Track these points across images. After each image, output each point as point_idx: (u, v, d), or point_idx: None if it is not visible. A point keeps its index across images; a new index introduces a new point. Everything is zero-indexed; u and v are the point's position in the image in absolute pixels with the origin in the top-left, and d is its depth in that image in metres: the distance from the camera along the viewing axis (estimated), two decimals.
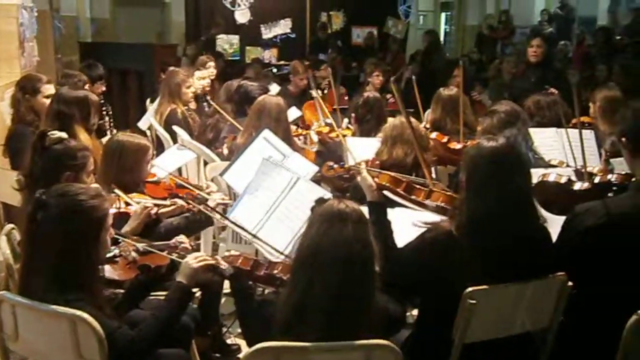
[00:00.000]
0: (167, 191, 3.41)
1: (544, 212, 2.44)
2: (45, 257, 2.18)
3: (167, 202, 3.23)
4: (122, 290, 2.59)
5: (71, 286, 2.16)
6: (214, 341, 3.51)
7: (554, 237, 2.44)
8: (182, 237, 2.82)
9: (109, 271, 2.55)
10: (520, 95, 5.32)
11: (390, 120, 3.85)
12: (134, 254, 2.55)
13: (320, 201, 2.25)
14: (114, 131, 5.07)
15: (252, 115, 4.25)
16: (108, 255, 2.47)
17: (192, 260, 2.44)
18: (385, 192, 2.82)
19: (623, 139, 2.42)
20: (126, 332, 2.21)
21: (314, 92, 6.35)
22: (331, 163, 3.08)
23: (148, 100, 6.90)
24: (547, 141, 4.09)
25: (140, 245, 2.58)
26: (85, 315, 2.09)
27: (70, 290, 2.15)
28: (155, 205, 3.11)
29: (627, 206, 2.31)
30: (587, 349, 2.33)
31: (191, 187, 3.51)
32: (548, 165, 3.68)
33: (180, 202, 3.25)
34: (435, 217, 2.79)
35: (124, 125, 5.32)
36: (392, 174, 2.82)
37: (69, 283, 2.16)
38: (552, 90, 5.37)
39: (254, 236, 2.89)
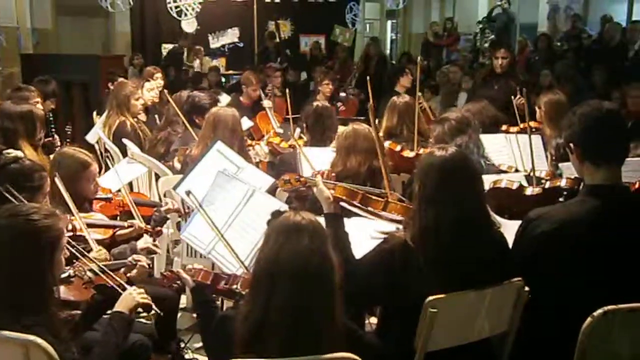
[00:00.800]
0: (119, 209, 3.33)
1: (498, 218, 2.49)
2: None
3: (125, 224, 3.15)
4: (78, 312, 2.51)
5: (27, 310, 2.09)
6: (173, 358, 3.45)
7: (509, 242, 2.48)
8: (139, 256, 2.76)
9: (64, 292, 2.48)
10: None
11: (341, 129, 3.85)
12: (89, 274, 2.48)
13: (276, 214, 2.23)
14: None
15: (207, 126, 4.20)
16: (62, 275, 2.39)
17: (135, 294, 2.41)
18: (342, 204, 2.82)
19: (571, 145, 2.44)
20: None
21: (264, 103, 6.35)
22: (287, 177, 3.05)
23: (95, 113, 6.77)
24: (496, 147, 4.18)
25: (96, 266, 2.52)
26: (39, 340, 2.01)
27: (26, 314, 2.08)
28: (113, 227, 3.04)
29: (579, 211, 2.35)
30: (545, 353, 2.36)
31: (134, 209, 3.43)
32: (499, 171, 3.75)
33: (137, 223, 3.17)
34: (392, 227, 2.82)
35: (69, 139, 5.19)
36: (348, 185, 2.83)
37: (24, 307, 2.09)
38: (521, 98, 5.22)
39: (222, 237, 2.82)
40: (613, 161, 2.39)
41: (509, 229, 2.54)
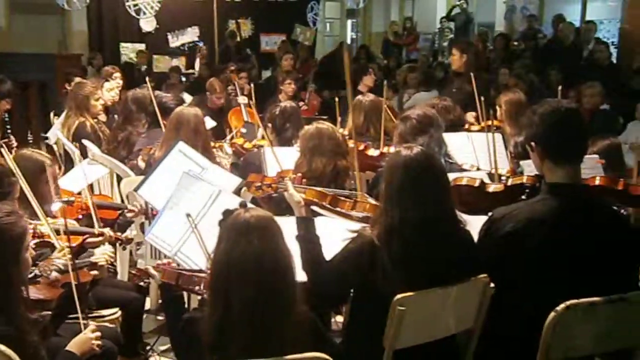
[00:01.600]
0: (81, 212, 3.26)
1: (464, 216, 2.52)
2: None
3: (96, 231, 3.08)
4: (49, 313, 2.46)
5: None
6: None
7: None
8: (97, 257, 2.74)
9: (34, 292, 2.42)
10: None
11: (305, 128, 3.83)
12: (54, 273, 2.46)
13: (226, 213, 2.20)
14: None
15: (170, 127, 4.16)
16: (29, 276, 2.35)
17: (93, 340, 2.38)
18: (313, 207, 2.83)
19: (532, 143, 2.47)
20: None
21: (240, 99, 6.32)
22: (259, 183, 3.05)
23: (52, 114, 6.64)
24: (458, 145, 4.23)
25: (60, 262, 2.49)
26: (2, 347, 1.97)
27: None
28: (82, 233, 2.98)
29: (542, 210, 2.37)
30: (510, 349, 2.39)
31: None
32: (461, 169, 3.80)
33: (108, 232, 3.10)
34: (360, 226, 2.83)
35: (26, 141, 5.08)
36: (318, 188, 2.84)
37: None
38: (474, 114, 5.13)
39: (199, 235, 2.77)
40: (573, 159, 2.43)
41: (472, 224, 2.57)
